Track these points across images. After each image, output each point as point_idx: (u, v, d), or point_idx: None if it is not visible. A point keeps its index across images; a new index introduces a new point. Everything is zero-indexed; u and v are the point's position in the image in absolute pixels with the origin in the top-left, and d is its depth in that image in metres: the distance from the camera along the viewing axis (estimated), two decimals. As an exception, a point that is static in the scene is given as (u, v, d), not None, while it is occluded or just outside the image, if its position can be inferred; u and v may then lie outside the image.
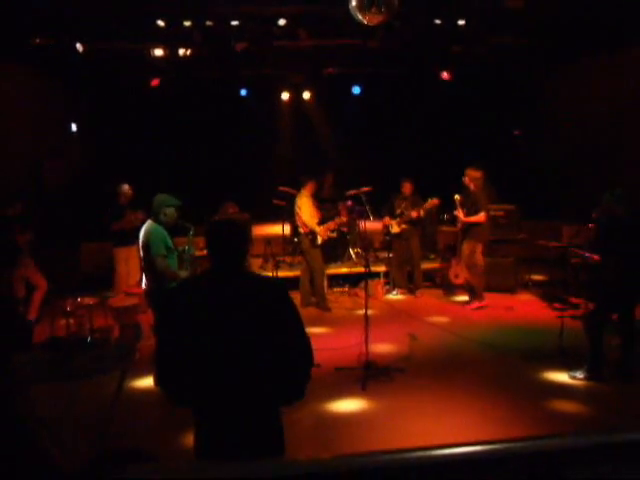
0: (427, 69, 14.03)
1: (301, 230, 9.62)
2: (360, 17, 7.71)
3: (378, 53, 12.07)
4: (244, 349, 2.90)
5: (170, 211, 6.13)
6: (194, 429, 3.04)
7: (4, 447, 3.32)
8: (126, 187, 9.15)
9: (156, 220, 6.13)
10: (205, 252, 3.22)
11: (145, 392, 6.30)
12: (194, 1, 9.03)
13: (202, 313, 2.93)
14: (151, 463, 3.41)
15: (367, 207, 10.67)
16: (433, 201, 9.91)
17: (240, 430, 2.92)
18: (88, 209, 9.10)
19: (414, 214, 10.01)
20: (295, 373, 3.01)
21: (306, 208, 9.53)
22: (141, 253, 6.18)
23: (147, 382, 6.45)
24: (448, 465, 1.49)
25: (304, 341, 3.00)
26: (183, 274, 6.10)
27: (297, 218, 9.72)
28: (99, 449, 4.08)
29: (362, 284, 10.42)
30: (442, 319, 9.01)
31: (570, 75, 14.10)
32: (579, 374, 6.44)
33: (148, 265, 6.10)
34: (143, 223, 8.86)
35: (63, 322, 8.00)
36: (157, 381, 2.96)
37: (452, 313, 9.34)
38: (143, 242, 6.10)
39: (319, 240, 9.50)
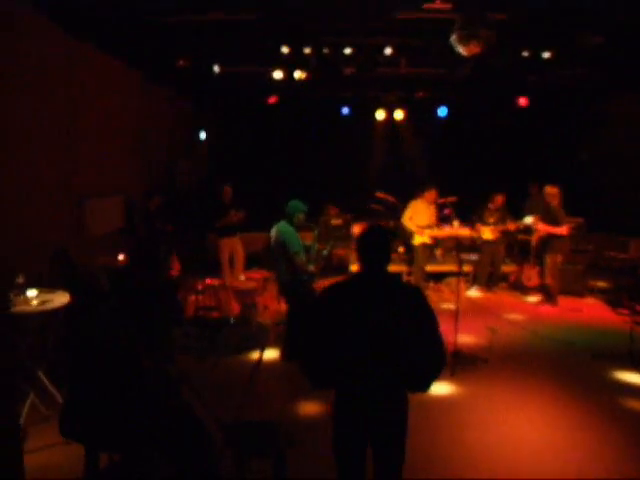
0: (506, 95, 13.43)
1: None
2: (460, 48, 7.36)
3: (464, 80, 11.61)
4: (386, 342, 2.82)
5: (302, 216, 6.21)
6: (335, 403, 2.96)
7: (160, 401, 3.20)
8: (228, 188, 8.90)
9: (289, 221, 6.13)
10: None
11: (276, 365, 6.29)
12: (315, 31, 8.83)
13: (353, 309, 2.82)
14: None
15: (453, 214, 10.18)
16: (534, 219, 9.13)
17: (374, 407, 2.87)
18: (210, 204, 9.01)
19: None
20: (426, 369, 2.89)
21: (407, 212, 9.31)
22: (275, 249, 6.13)
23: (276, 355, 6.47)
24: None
25: (438, 341, 2.86)
26: (311, 268, 6.14)
27: None
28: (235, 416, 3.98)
29: (446, 281, 10.04)
30: (517, 316, 8.44)
31: (632, 102, 13.28)
32: (652, 376, 5.87)
33: (282, 259, 6.06)
34: (241, 221, 8.76)
35: (193, 298, 7.98)
36: (300, 365, 2.86)
37: (525, 311, 8.72)
38: (278, 239, 6.06)
39: (415, 240, 9.17)
